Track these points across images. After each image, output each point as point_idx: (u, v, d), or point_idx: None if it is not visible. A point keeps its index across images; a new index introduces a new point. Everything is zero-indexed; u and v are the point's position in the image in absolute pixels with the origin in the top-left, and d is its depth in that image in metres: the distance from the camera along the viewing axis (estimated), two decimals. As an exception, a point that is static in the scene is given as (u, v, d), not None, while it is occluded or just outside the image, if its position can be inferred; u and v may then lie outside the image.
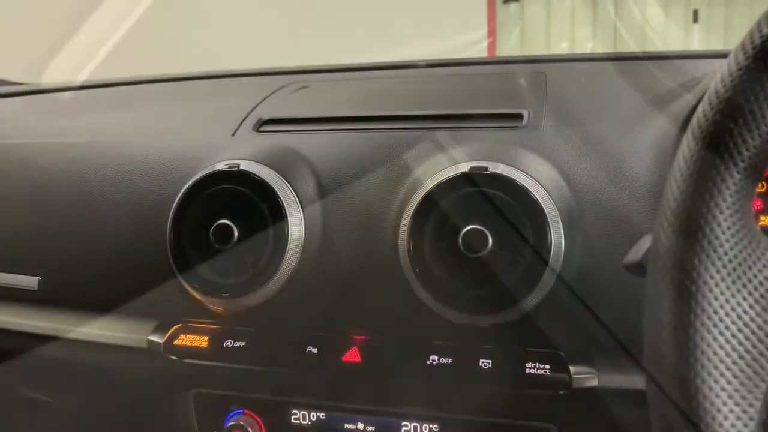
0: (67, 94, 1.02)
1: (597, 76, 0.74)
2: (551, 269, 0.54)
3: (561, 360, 0.56)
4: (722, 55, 0.76)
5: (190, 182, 0.62)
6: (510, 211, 0.54)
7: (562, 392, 0.55)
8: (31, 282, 0.71)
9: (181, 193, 0.62)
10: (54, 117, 0.91)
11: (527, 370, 0.55)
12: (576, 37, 5.39)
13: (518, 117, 0.64)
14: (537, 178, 0.56)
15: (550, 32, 5.32)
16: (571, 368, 0.55)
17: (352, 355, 0.59)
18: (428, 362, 0.57)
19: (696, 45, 4.73)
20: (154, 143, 0.72)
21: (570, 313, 0.56)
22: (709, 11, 5.42)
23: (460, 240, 0.53)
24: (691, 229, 0.30)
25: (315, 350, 0.61)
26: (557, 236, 0.54)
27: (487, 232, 0.53)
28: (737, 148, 0.29)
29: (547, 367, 0.55)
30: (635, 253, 0.40)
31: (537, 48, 5.25)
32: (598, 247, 0.55)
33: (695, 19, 4.87)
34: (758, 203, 0.59)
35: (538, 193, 0.54)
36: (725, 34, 5.45)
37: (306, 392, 0.64)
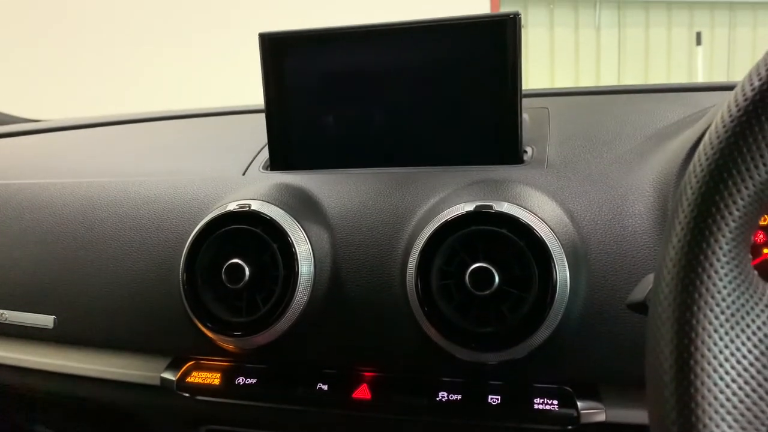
0: (78, 132, 1.04)
1: (600, 110, 0.75)
2: (557, 306, 0.54)
3: (569, 395, 0.56)
4: (725, 87, 0.77)
5: (202, 223, 0.64)
6: (515, 248, 0.55)
7: (570, 427, 0.55)
8: (46, 321, 0.72)
9: (193, 234, 0.64)
10: (66, 156, 0.92)
11: (535, 406, 0.56)
12: (580, 62, 5.43)
13: (522, 154, 0.66)
14: (541, 215, 0.57)
15: (554, 60, 5.36)
16: (579, 403, 0.55)
17: (362, 392, 0.60)
18: (437, 399, 0.58)
19: (699, 67, 4.76)
20: (166, 183, 0.73)
21: (576, 349, 0.56)
22: (712, 33, 5.46)
23: (467, 278, 0.54)
24: (690, 276, 0.30)
25: (325, 387, 0.61)
26: (562, 273, 0.54)
27: (494, 270, 0.54)
28: (732, 198, 0.30)
29: (555, 402, 0.56)
30: (638, 293, 0.40)
31: (540, 77, 5.29)
32: (603, 283, 0.56)
33: (698, 42, 4.90)
34: (761, 236, 0.60)
35: (543, 231, 0.55)
36: (728, 56, 5.47)
37: (316, 429, 0.65)
